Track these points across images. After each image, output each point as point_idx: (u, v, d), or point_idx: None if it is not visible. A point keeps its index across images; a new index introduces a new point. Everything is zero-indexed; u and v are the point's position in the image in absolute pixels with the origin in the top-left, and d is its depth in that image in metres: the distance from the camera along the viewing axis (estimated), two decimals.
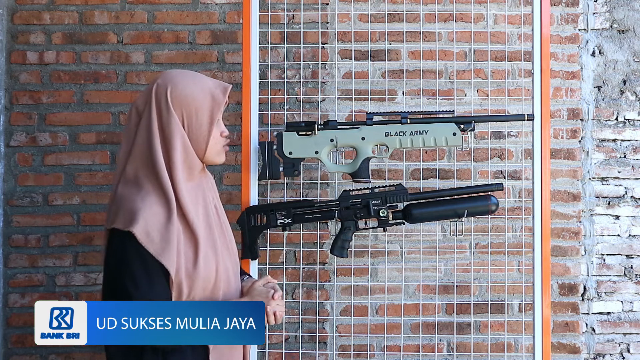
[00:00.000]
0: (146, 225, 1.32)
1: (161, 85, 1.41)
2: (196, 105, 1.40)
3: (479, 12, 2.48)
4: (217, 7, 2.50)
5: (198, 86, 1.42)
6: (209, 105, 1.42)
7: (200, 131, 1.41)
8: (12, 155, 2.46)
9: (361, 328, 2.41)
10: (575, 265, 2.47)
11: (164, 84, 1.41)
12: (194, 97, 1.40)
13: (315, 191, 2.41)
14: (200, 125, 1.41)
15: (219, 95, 1.43)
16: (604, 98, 2.52)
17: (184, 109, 1.40)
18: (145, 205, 1.34)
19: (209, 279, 1.41)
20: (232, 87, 1.48)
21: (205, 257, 1.40)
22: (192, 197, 1.41)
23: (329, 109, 2.43)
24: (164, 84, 1.41)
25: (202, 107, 1.41)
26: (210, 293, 1.42)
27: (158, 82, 1.42)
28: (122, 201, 1.36)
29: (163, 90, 1.40)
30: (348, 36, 2.46)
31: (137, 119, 1.42)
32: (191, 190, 1.42)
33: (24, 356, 2.42)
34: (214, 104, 1.42)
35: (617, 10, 2.53)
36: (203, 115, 1.41)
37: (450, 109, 2.29)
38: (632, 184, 2.51)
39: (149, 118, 1.39)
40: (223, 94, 1.43)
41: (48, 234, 2.45)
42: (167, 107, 1.39)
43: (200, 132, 1.41)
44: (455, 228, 2.42)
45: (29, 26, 2.49)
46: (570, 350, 2.46)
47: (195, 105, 1.40)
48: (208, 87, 1.43)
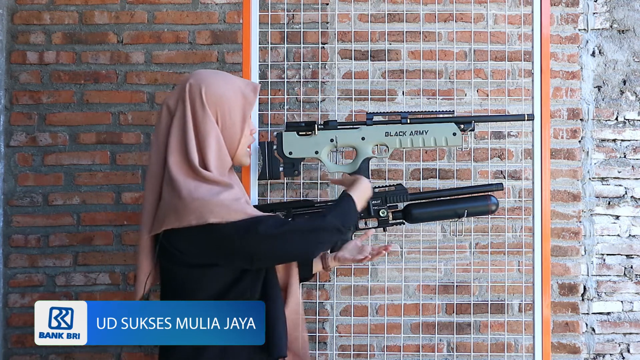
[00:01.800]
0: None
1: (194, 84, 1.42)
2: (230, 105, 1.43)
3: (479, 12, 2.48)
4: (217, 7, 2.50)
5: (230, 85, 1.45)
6: (241, 104, 1.45)
7: (233, 130, 1.44)
8: (12, 155, 2.46)
9: (361, 328, 2.41)
10: (575, 265, 2.47)
11: (197, 83, 1.42)
12: (227, 96, 1.43)
13: (315, 191, 2.41)
14: (233, 124, 1.44)
15: (250, 94, 1.46)
16: (604, 98, 2.52)
17: (218, 108, 1.42)
18: (213, 193, 1.37)
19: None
20: (260, 85, 1.51)
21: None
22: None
23: (329, 109, 2.43)
24: (197, 84, 1.42)
25: (235, 106, 1.44)
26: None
27: (190, 81, 1.43)
28: (185, 200, 1.36)
29: (197, 89, 1.41)
30: (348, 36, 2.46)
31: (169, 118, 1.43)
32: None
33: (24, 356, 2.42)
34: (245, 102, 1.45)
35: (617, 10, 2.53)
36: (236, 114, 1.44)
37: (450, 109, 2.29)
38: (632, 184, 2.51)
39: (183, 117, 1.40)
40: (254, 93, 1.47)
41: (48, 234, 2.45)
42: (202, 106, 1.40)
43: (234, 131, 1.44)
44: (455, 228, 2.42)
45: (29, 26, 2.49)
46: (570, 350, 2.46)
47: (229, 104, 1.43)
48: (239, 86, 1.46)
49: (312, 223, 1.47)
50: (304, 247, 1.44)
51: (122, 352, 2.43)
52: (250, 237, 1.36)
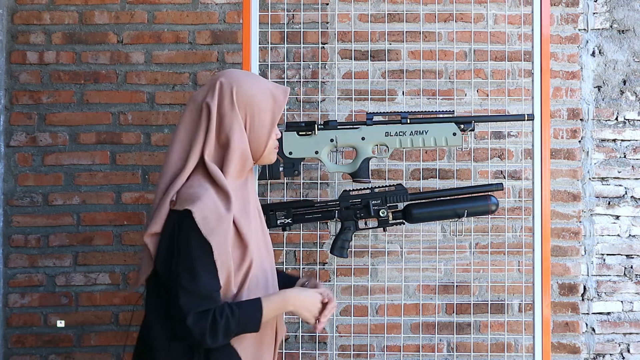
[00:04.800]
0: (205, 208, 1.32)
1: (226, 83, 1.41)
2: (260, 107, 1.42)
3: (479, 12, 2.48)
4: (217, 7, 2.50)
5: (261, 87, 1.43)
6: (271, 107, 1.43)
7: (262, 132, 1.42)
8: (12, 155, 2.46)
9: (361, 328, 2.41)
10: (575, 265, 2.47)
11: (229, 82, 1.41)
12: (258, 98, 1.41)
13: (315, 191, 2.41)
14: (262, 126, 1.42)
15: (279, 97, 1.45)
16: (604, 98, 2.52)
17: (248, 109, 1.41)
18: (206, 193, 1.34)
19: (256, 279, 1.42)
20: (289, 89, 1.49)
21: (251, 256, 1.40)
22: (239, 195, 1.42)
23: (329, 109, 2.43)
24: (229, 83, 1.41)
25: (266, 108, 1.42)
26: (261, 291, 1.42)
27: (222, 80, 1.42)
28: (184, 191, 1.35)
29: (228, 88, 1.40)
30: (348, 36, 2.46)
31: (195, 115, 1.41)
32: (237, 190, 1.42)
33: (24, 356, 2.42)
34: (275, 105, 1.44)
35: (617, 10, 2.53)
36: (266, 116, 1.42)
37: (450, 109, 2.29)
38: (632, 184, 2.51)
39: (208, 115, 1.39)
40: (283, 96, 1.45)
41: (48, 234, 2.45)
42: (232, 106, 1.39)
43: (262, 133, 1.43)
44: (455, 228, 2.42)
45: (29, 26, 2.49)
46: (570, 350, 2.46)
47: (260, 106, 1.42)
48: (269, 88, 1.45)
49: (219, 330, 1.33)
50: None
51: (122, 352, 2.43)
52: (178, 311, 1.32)
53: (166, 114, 2.47)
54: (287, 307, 1.41)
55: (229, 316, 1.32)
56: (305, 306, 1.44)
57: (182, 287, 1.31)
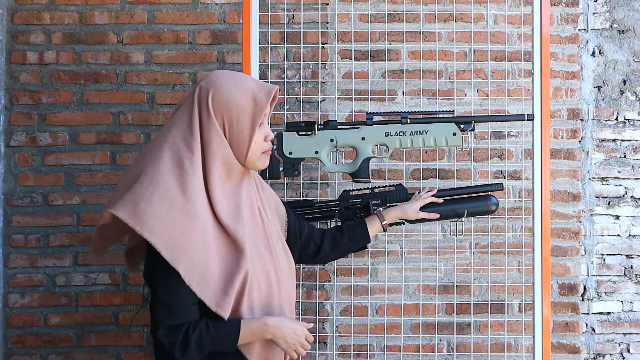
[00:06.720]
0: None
1: (204, 88, 1.39)
2: (237, 111, 1.38)
3: (479, 12, 2.48)
4: (217, 7, 2.50)
5: (240, 90, 1.39)
6: (251, 110, 1.39)
7: (241, 137, 1.39)
8: (12, 155, 2.46)
9: (361, 328, 2.41)
10: (575, 265, 2.47)
11: (207, 87, 1.39)
12: (235, 102, 1.38)
13: (315, 191, 2.41)
14: (241, 131, 1.39)
15: (261, 100, 1.40)
16: (604, 98, 2.52)
17: (225, 115, 1.38)
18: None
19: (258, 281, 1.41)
20: (278, 88, 1.45)
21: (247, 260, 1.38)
22: (231, 199, 1.40)
23: (329, 109, 2.43)
24: (207, 87, 1.39)
25: (244, 112, 1.39)
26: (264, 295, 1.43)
27: (201, 84, 1.40)
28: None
29: (205, 94, 1.38)
30: (348, 36, 2.46)
31: (181, 117, 1.40)
32: (229, 194, 1.41)
33: (24, 356, 2.42)
34: (256, 108, 1.39)
35: (617, 10, 2.53)
36: (244, 120, 1.39)
37: (450, 109, 2.30)
38: (632, 184, 2.51)
39: (190, 120, 1.38)
40: (266, 98, 1.40)
41: (48, 234, 2.45)
42: (208, 112, 1.37)
43: (242, 139, 1.39)
44: (455, 228, 2.42)
45: (29, 26, 2.49)
46: (570, 350, 2.46)
47: (237, 110, 1.38)
48: (251, 90, 1.40)
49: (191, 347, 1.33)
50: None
51: (122, 352, 2.43)
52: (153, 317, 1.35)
53: (166, 114, 2.47)
54: (265, 334, 1.39)
55: (203, 332, 1.33)
56: (284, 337, 1.41)
57: (158, 299, 1.33)
